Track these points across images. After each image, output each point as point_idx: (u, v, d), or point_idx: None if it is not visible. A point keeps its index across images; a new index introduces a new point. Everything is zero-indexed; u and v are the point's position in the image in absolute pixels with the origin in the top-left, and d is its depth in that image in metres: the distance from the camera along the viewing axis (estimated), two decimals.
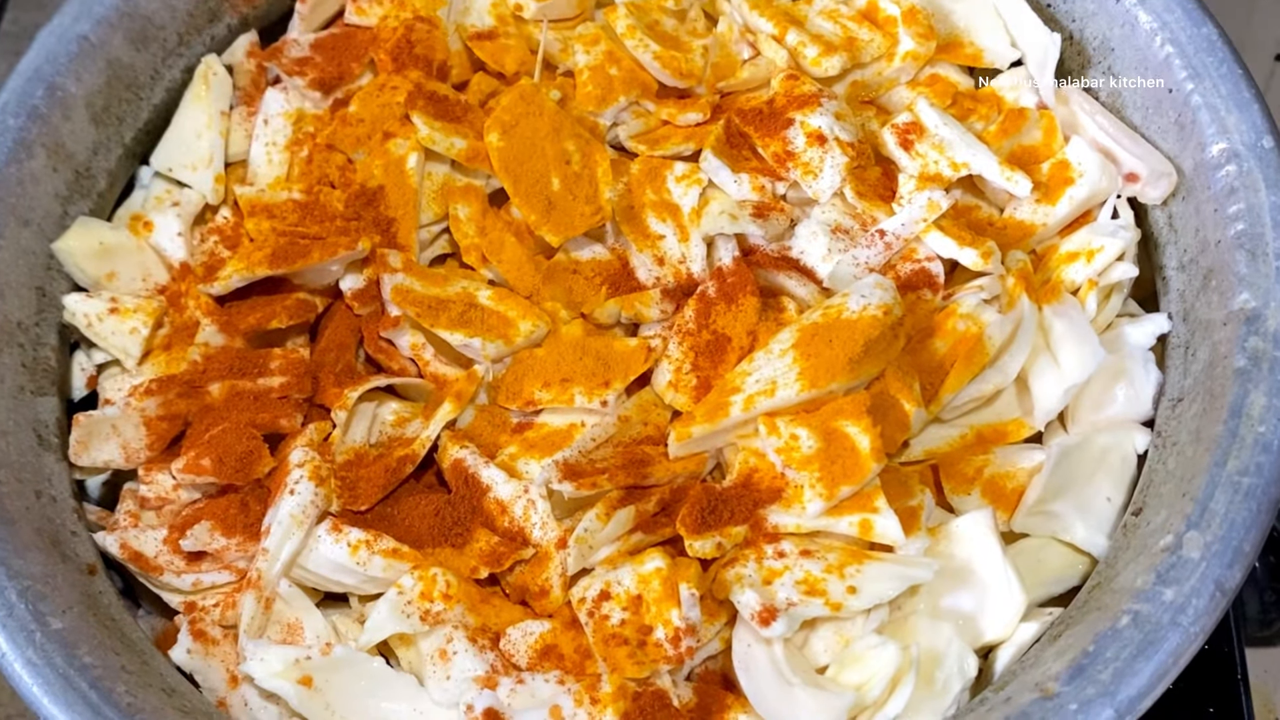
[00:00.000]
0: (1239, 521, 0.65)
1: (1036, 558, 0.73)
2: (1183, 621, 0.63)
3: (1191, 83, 0.77)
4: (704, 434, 0.72)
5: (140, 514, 0.76)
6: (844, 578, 0.68)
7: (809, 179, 0.78)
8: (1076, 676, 0.63)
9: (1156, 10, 0.79)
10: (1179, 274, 0.77)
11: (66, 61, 0.82)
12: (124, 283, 0.81)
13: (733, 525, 0.70)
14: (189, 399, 0.77)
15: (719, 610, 0.70)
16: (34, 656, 0.66)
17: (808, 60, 0.82)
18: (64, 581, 0.70)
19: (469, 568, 0.71)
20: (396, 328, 0.78)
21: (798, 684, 0.67)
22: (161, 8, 0.86)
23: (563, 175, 0.80)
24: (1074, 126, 0.81)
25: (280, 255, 0.78)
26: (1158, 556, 0.66)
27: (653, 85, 0.83)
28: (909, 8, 0.84)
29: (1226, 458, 0.67)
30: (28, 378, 0.77)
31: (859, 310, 0.71)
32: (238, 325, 0.79)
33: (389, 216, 0.80)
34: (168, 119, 0.87)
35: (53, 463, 0.76)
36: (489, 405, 0.78)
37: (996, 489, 0.74)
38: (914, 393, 0.72)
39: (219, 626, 0.73)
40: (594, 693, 0.67)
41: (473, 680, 0.68)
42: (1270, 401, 0.68)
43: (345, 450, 0.76)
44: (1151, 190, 0.78)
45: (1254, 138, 0.74)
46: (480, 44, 0.85)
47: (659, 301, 0.77)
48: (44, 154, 0.81)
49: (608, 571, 0.70)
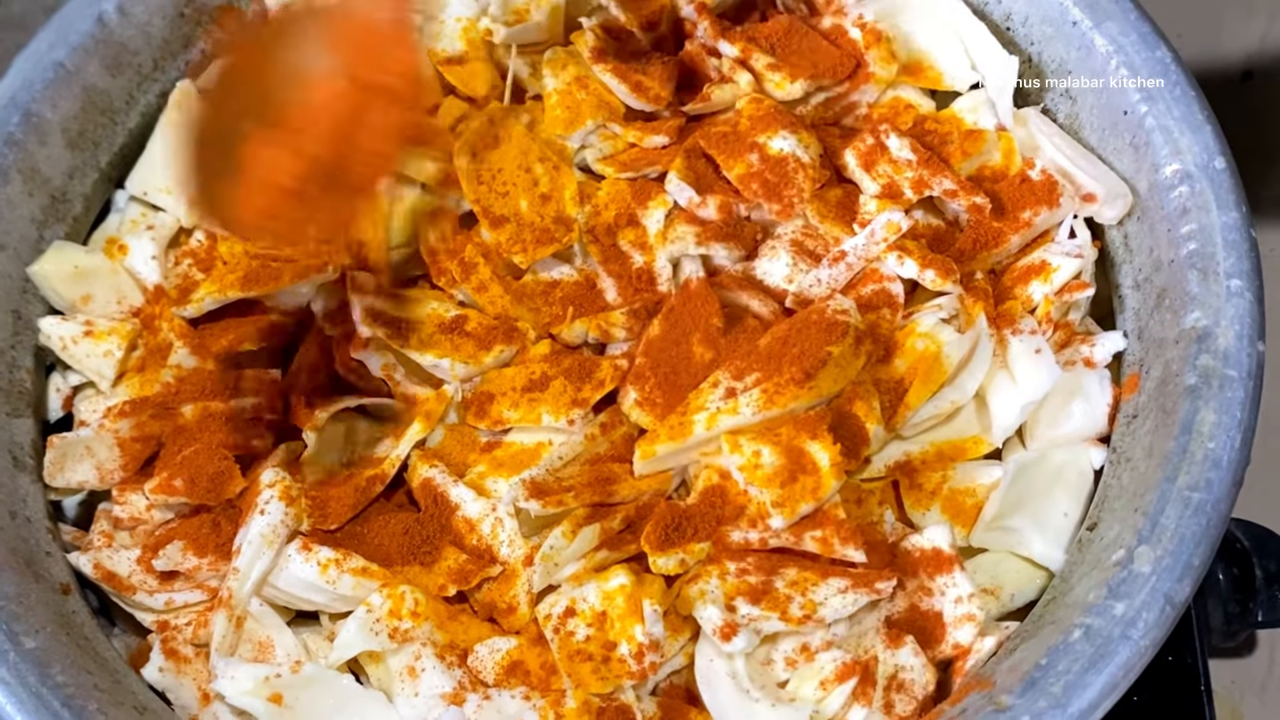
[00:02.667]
0: (1189, 536, 0.66)
1: (994, 572, 0.73)
2: (1133, 635, 0.64)
3: (1146, 105, 0.77)
4: (668, 452, 0.73)
5: (114, 534, 0.77)
6: (805, 593, 0.69)
7: (772, 202, 0.79)
8: (1029, 689, 0.63)
9: (1112, 34, 0.80)
10: (1134, 292, 0.78)
11: (42, 88, 0.83)
12: (99, 305, 0.82)
13: (696, 542, 0.71)
14: (162, 420, 0.78)
15: (683, 626, 0.71)
16: (7, 675, 0.66)
17: (772, 83, 0.83)
18: (37, 601, 0.71)
19: (437, 585, 0.72)
20: (367, 349, 0.79)
21: (759, 698, 0.68)
22: (136, 34, 0.87)
23: (531, 198, 0.81)
24: (1032, 148, 0.82)
25: (252, 278, 0.79)
26: (1110, 571, 0.66)
27: (620, 109, 0.84)
28: (872, 32, 0.85)
29: (1177, 473, 0.68)
30: (3, 400, 0.79)
31: (820, 329, 0.72)
32: (210, 348, 0.80)
33: (359, 239, 0.81)
34: (143, 143, 0.88)
35: (28, 483, 0.77)
36: (458, 424, 0.79)
37: (956, 504, 0.75)
38: (874, 410, 0.73)
39: (191, 645, 0.74)
40: (559, 708, 0.68)
41: (440, 697, 0.69)
42: (1220, 418, 0.68)
43: (316, 470, 0.77)
44: (1108, 210, 0.79)
45: (1206, 159, 0.75)
46: (451, 69, 0.86)
47: (625, 321, 0.78)
48: (20, 179, 0.82)
49: (573, 588, 0.71)
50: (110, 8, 0.86)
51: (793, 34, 0.85)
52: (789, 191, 0.79)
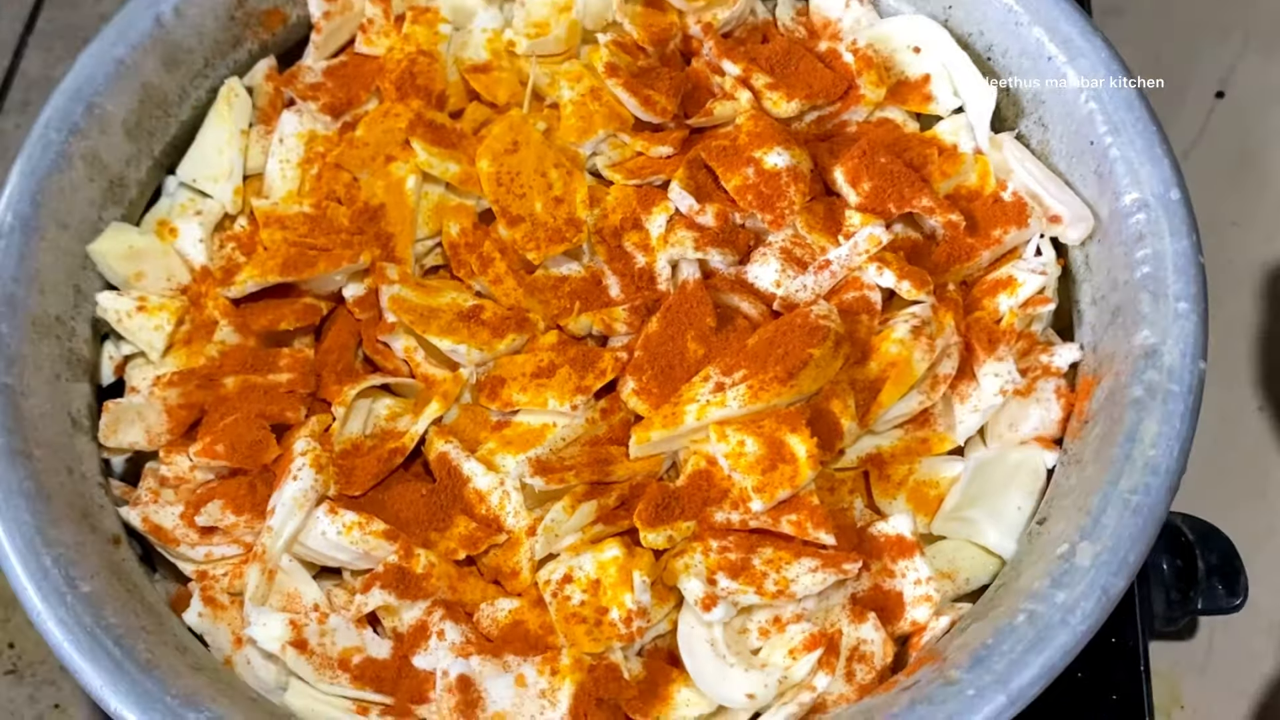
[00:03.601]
0: (1126, 535, 0.68)
1: (952, 558, 0.77)
2: (1071, 621, 0.66)
3: (1110, 137, 0.80)
4: (661, 438, 0.76)
5: (160, 491, 0.80)
6: (779, 571, 0.72)
7: (765, 212, 0.82)
8: (976, 666, 0.66)
9: (1084, 70, 0.82)
10: (1091, 308, 0.80)
11: (104, 82, 0.87)
12: (151, 283, 0.86)
13: (683, 520, 0.74)
14: (206, 390, 0.81)
15: (668, 595, 0.74)
16: (65, 616, 0.70)
17: (770, 101, 0.86)
18: (92, 550, 0.74)
19: (449, 549, 0.75)
20: (392, 333, 0.82)
21: (734, 662, 0.71)
22: (190, 34, 0.90)
23: (545, 199, 0.84)
24: (1006, 171, 0.84)
25: (290, 264, 0.82)
26: (1054, 562, 0.69)
27: (629, 120, 0.87)
28: (864, 57, 0.87)
29: (1120, 477, 0.70)
30: (64, 366, 0.82)
31: (804, 332, 0.76)
32: (251, 326, 0.84)
33: (389, 232, 0.85)
34: (193, 134, 0.91)
35: (84, 443, 0.81)
36: (472, 404, 0.81)
37: (920, 495, 0.78)
38: (849, 408, 0.76)
39: (227, 594, 0.77)
40: (554, 664, 0.71)
41: (449, 649, 0.73)
42: (1161, 428, 0.71)
43: (343, 441, 0.80)
44: (1071, 232, 0.81)
45: (1163, 190, 0.77)
46: (475, 76, 0.90)
47: (627, 317, 0.81)
48: (82, 165, 0.86)
49: (571, 558, 0.74)
50: (168, 9, 0.89)
51: (791, 56, 0.87)
52: (781, 203, 0.81)
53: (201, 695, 0.69)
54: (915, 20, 0.91)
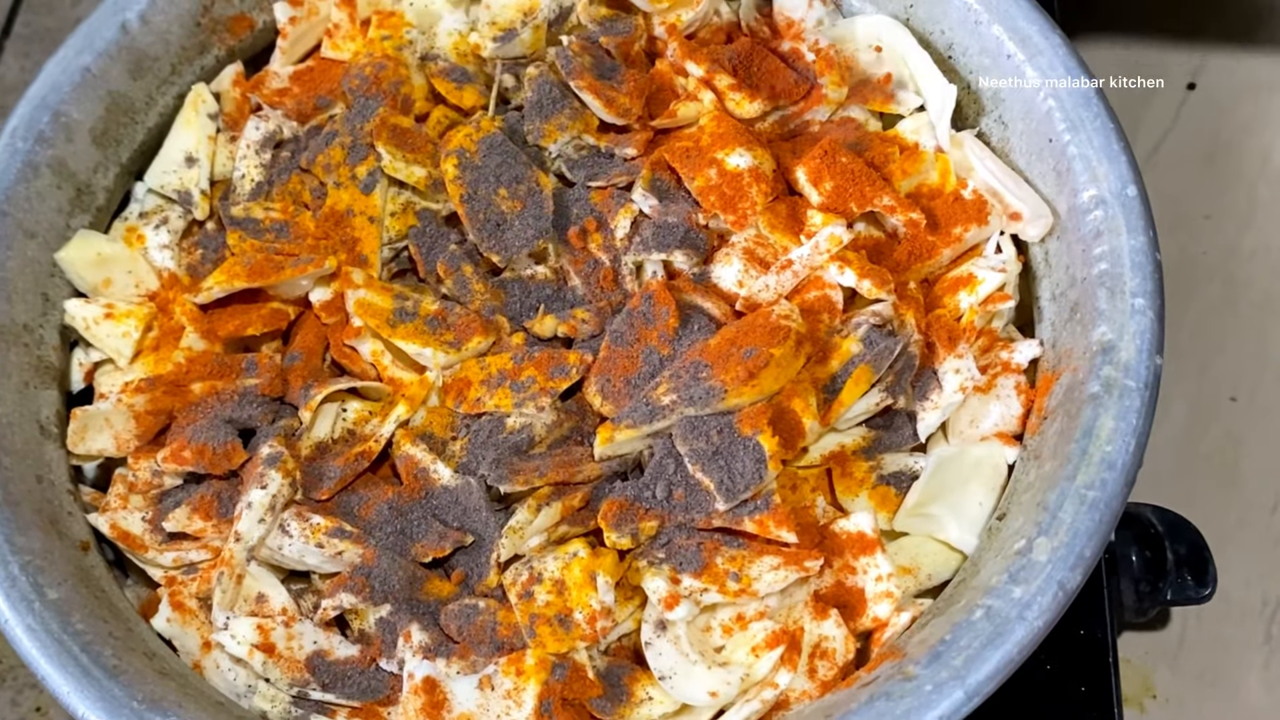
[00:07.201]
0: (1082, 530, 0.69)
1: (914, 554, 0.77)
2: (1028, 616, 0.67)
3: (1069, 134, 0.80)
4: (626, 439, 0.76)
5: (129, 497, 0.80)
6: (741, 569, 0.72)
7: (727, 213, 0.82)
8: (934, 661, 0.67)
9: (1042, 68, 0.83)
10: (1051, 304, 0.81)
11: (70, 90, 0.87)
12: (118, 289, 0.86)
13: (647, 520, 0.75)
14: (173, 396, 0.82)
15: (633, 594, 0.75)
16: (33, 623, 0.70)
17: (732, 102, 0.86)
18: (60, 557, 0.75)
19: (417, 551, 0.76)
20: (359, 337, 0.83)
21: (697, 660, 0.72)
22: (156, 41, 0.91)
23: (510, 202, 0.85)
24: (966, 169, 0.85)
25: (257, 270, 0.83)
26: (1011, 558, 0.69)
27: (594, 121, 0.87)
28: (826, 57, 0.88)
29: (1076, 472, 0.70)
30: (32, 374, 0.83)
31: (765, 332, 0.76)
32: (218, 331, 0.84)
33: (355, 237, 0.85)
34: (161, 141, 0.92)
35: (52, 450, 0.81)
36: (438, 407, 0.82)
37: (882, 492, 0.79)
38: (811, 407, 0.76)
39: (195, 599, 0.77)
40: (519, 665, 0.72)
41: (414, 651, 0.73)
42: (1117, 424, 0.71)
43: (310, 445, 0.80)
44: (1031, 229, 0.82)
45: (1120, 187, 0.78)
46: (441, 80, 0.90)
47: (592, 318, 0.82)
48: (49, 174, 0.86)
49: (536, 559, 0.75)
50: (134, 16, 0.89)
51: (754, 56, 0.88)
52: (743, 204, 0.82)
53: (168, 700, 0.70)
54: (877, 20, 0.91)
